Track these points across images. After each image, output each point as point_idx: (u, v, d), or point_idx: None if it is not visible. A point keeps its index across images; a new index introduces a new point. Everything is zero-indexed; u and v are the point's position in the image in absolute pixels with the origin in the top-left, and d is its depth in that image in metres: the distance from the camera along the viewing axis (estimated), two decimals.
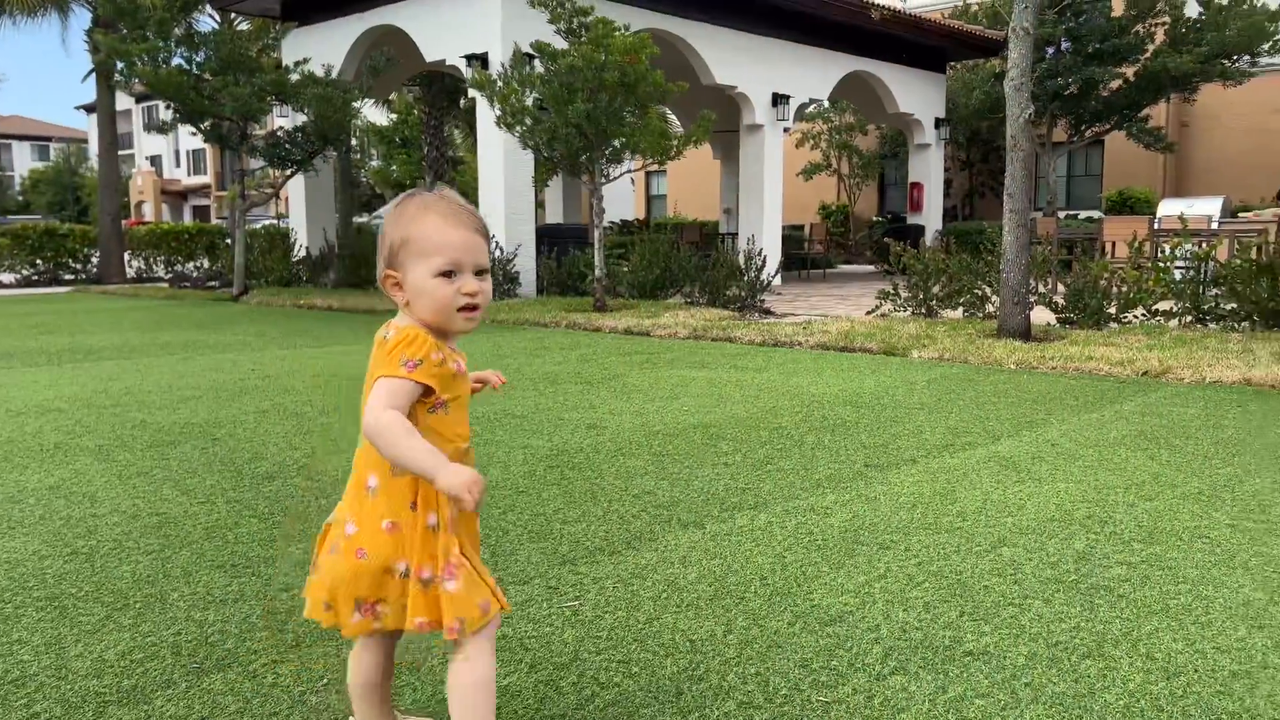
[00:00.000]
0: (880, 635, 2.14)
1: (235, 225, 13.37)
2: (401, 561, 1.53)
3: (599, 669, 1.99)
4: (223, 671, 1.97)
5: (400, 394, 1.48)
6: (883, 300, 9.41)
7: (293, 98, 12.20)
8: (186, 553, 2.69)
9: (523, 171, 12.60)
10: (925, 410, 4.82)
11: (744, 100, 15.37)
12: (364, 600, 1.53)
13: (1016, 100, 7.40)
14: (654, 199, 32.89)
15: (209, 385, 5.63)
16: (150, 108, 56.88)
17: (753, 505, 3.15)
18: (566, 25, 10.09)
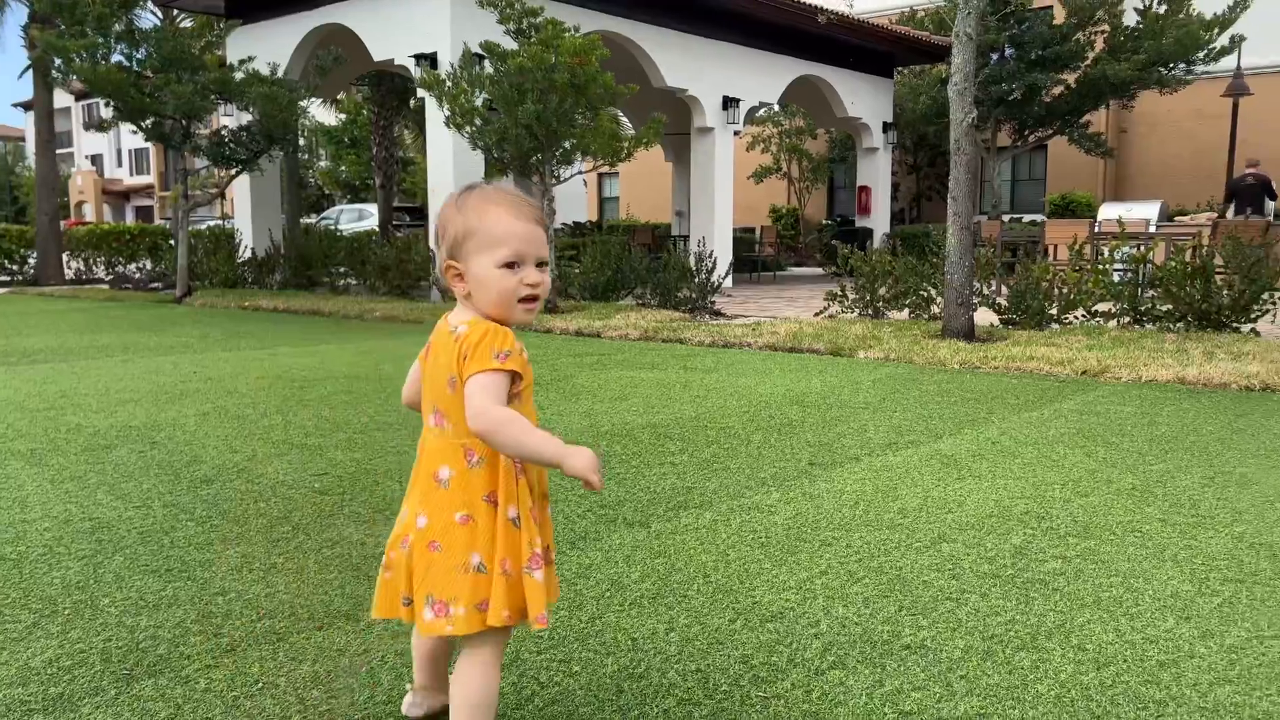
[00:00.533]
0: (820, 630, 2.16)
1: (179, 226, 13.11)
2: (475, 554, 1.53)
3: (539, 669, 1.98)
4: (154, 677, 1.93)
5: (500, 387, 1.50)
6: (830, 302, 9.51)
7: (237, 96, 12.00)
8: (119, 558, 2.63)
9: (472, 172, 12.52)
10: (870, 409, 4.87)
11: (694, 103, 15.43)
12: (436, 599, 1.52)
13: (960, 105, 7.52)
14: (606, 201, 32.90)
15: (148, 388, 5.51)
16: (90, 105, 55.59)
17: (698, 504, 3.17)
18: (516, 26, 10.05)
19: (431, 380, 1.59)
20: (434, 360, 1.59)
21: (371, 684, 1.91)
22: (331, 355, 7.09)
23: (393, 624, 2.18)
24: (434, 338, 1.62)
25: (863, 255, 9.46)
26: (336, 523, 2.96)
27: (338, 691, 1.88)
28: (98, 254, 18.18)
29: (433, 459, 1.59)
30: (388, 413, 4.76)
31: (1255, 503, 3.18)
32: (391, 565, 1.61)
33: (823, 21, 13.75)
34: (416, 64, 12.30)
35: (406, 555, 1.57)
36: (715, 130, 15.63)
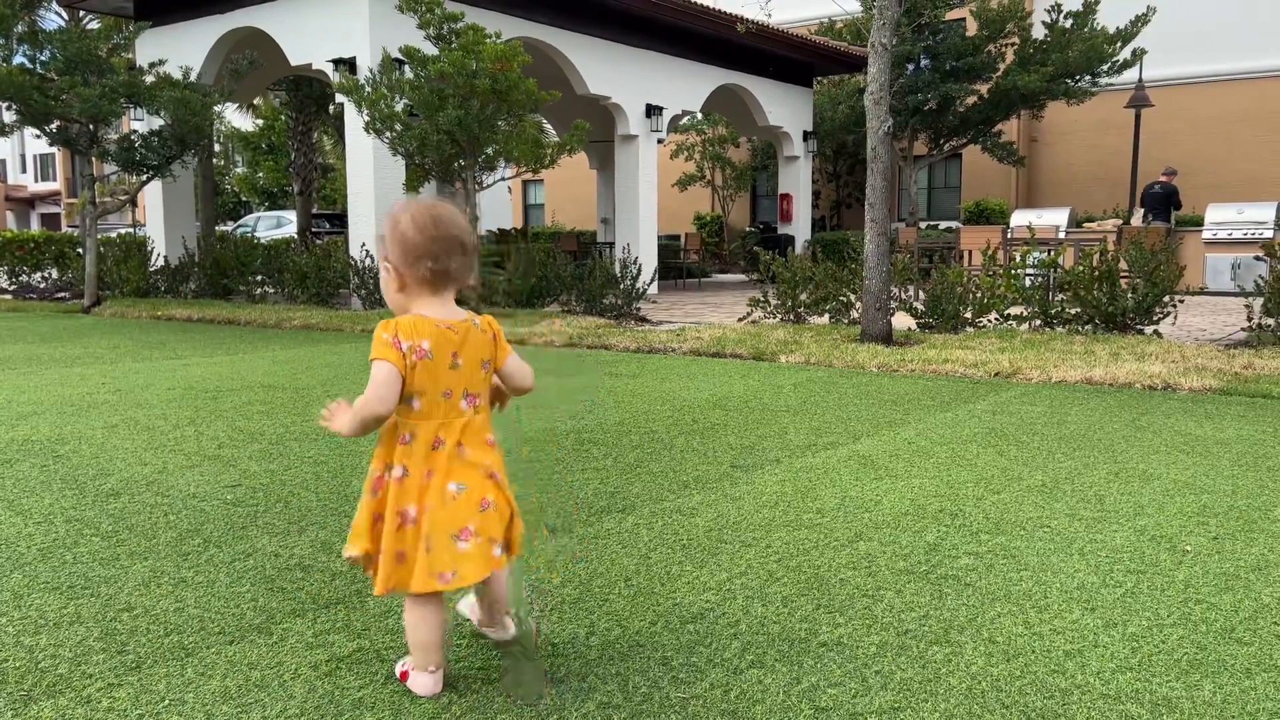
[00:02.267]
0: (739, 630, 2.18)
1: (86, 233, 12.66)
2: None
3: (457, 677, 1.96)
4: (53, 698, 1.86)
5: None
6: (753, 308, 9.61)
7: (148, 100, 11.65)
8: (18, 575, 2.53)
9: (393, 178, 12.36)
10: (791, 412, 4.94)
11: (618, 111, 15.48)
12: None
13: (876, 114, 7.68)
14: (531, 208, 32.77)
15: (54, 400, 5.31)
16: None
17: (620, 508, 3.17)
18: (436, 31, 9.96)
19: (468, 369, 1.87)
20: (469, 353, 1.87)
21: (284, 697, 1.87)
22: (247, 365, 6.92)
23: (306, 639, 2.14)
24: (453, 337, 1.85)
25: (784, 262, 9.59)
26: (250, 534, 2.89)
27: (248, 706, 1.83)
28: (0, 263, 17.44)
29: (480, 431, 1.92)
30: (303, 423, 4.66)
31: (1156, 497, 3.31)
32: (480, 530, 1.86)
33: (742, 30, 13.92)
34: (335, 69, 12.10)
35: (495, 510, 1.90)
36: (639, 138, 15.70)
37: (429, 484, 1.83)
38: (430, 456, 1.85)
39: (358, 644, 2.11)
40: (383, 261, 1.88)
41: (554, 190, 30.41)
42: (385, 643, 2.12)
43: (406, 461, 1.84)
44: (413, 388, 1.83)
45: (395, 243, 1.84)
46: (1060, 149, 23.41)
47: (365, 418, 1.81)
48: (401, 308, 1.88)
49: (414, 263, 1.83)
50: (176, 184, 14.21)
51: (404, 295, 1.87)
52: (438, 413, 1.85)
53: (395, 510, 1.83)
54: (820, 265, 9.32)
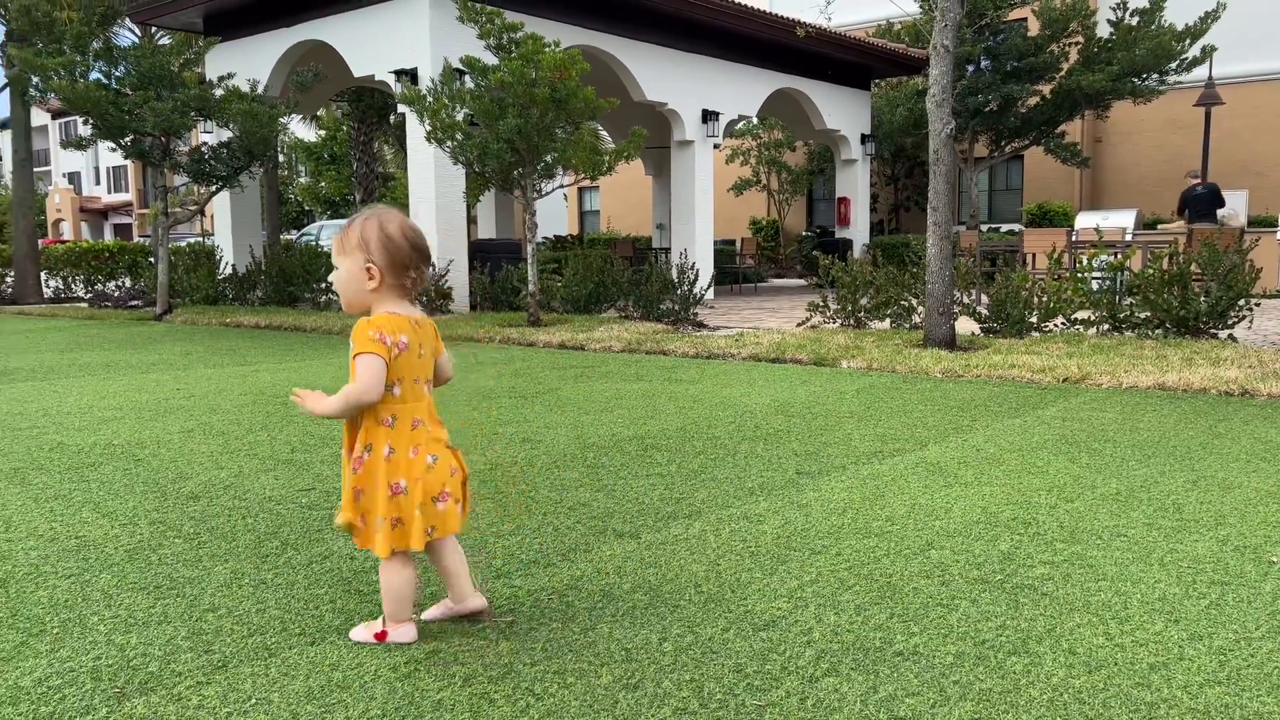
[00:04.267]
0: (813, 638, 2.17)
1: (158, 243, 13.03)
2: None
3: (534, 680, 1.98)
4: (145, 695, 1.92)
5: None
6: (812, 312, 9.55)
7: (217, 113, 11.96)
8: (107, 575, 2.61)
9: (454, 187, 12.53)
10: (855, 418, 4.90)
11: (674, 117, 15.51)
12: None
13: (938, 116, 7.59)
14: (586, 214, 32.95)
15: (131, 405, 5.47)
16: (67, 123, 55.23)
17: (687, 514, 3.17)
18: (496, 41, 10.08)
19: (427, 358, 2.18)
20: (428, 345, 2.17)
21: (366, 698, 1.90)
22: (314, 371, 7.06)
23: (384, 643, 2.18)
24: (419, 331, 2.15)
25: (844, 266, 9.51)
26: (325, 537, 2.95)
27: (332, 706, 1.87)
28: (76, 272, 18.04)
29: (434, 409, 2.22)
30: None
31: (1238, 506, 3.22)
32: (452, 493, 2.17)
33: (801, 35, 13.85)
34: (397, 80, 12.31)
35: (458, 475, 2.20)
36: (695, 143, 15.71)
37: (414, 459, 2.12)
38: (412, 435, 2.14)
39: (434, 646, 2.14)
40: (365, 262, 2.10)
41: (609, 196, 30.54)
42: (461, 645, 2.14)
43: (391, 441, 2.12)
44: (394, 377, 2.11)
45: (384, 249, 2.10)
46: (1126, 149, 22.90)
47: (354, 403, 2.09)
48: (364, 304, 2.15)
49: (399, 269, 2.12)
50: (244, 194, 14.57)
51: (375, 294, 2.13)
52: (412, 397, 2.15)
53: (387, 483, 2.10)
54: (881, 269, 9.23)
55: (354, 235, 2.12)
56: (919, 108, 19.82)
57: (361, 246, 2.11)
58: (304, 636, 2.20)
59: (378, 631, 2.17)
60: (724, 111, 16.14)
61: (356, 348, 2.08)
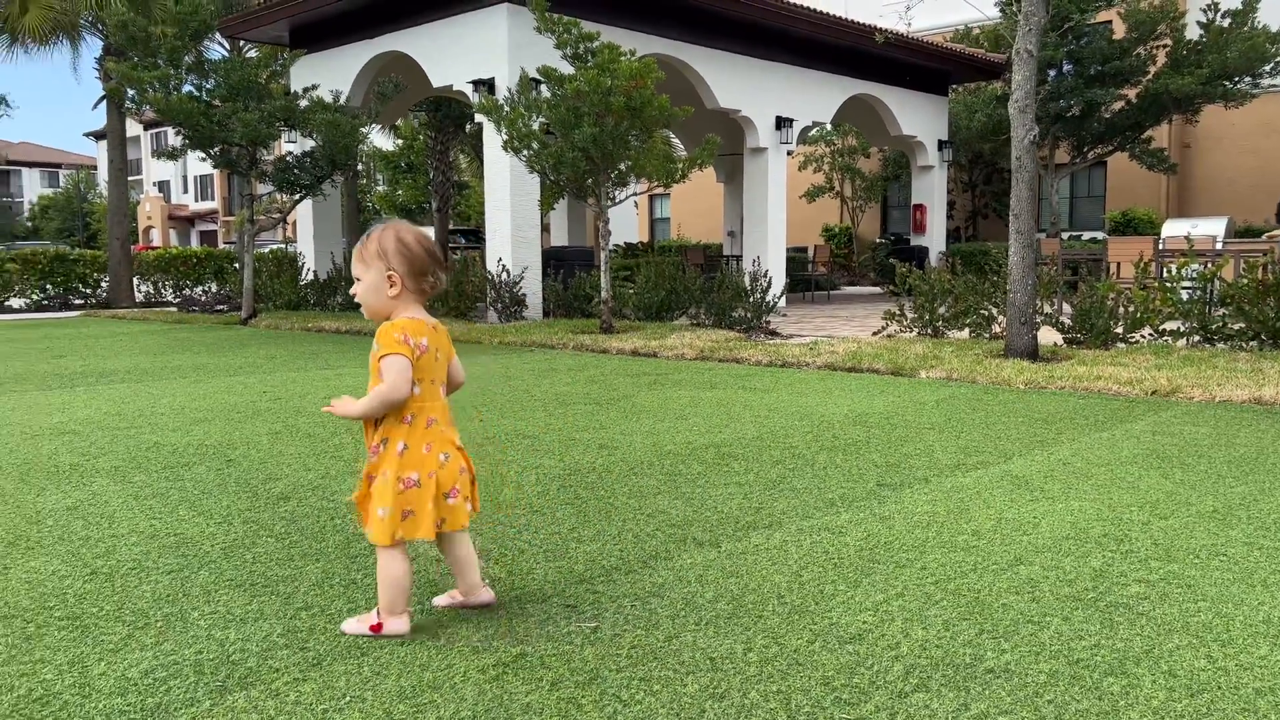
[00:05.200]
0: (900, 653, 2.15)
1: (244, 249, 13.43)
2: None
3: (620, 686, 1.99)
4: (245, 690, 1.98)
5: None
6: (889, 321, 9.43)
7: (302, 124, 12.30)
8: (205, 572, 2.70)
9: (529, 195, 12.68)
10: (935, 430, 4.82)
11: (747, 124, 15.47)
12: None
13: (1021, 122, 7.44)
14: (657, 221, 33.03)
15: (221, 407, 5.65)
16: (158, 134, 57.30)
17: (767, 524, 3.16)
18: (573, 51, 10.18)
19: (442, 362, 2.30)
20: (442, 349, 2.30)
21: (456, 699, 1.93)
22: None
23: (472, 643, 2.21)
24: (435, 335, 2.28)
25: (921, 274, 9.37)
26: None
27: (423, 706, 1.91)
28: (166, 277, 18.69)
29: (449, 411, 2.34)
30: None
31: None
32: (461, 489, 2.30)
33: (880, 41, 13.69)
34: (474, 89, 12.51)
35: (467, 474, 2.33)
36: (768, 150, 15.64)
37: (427, 455, 2.24)
38: (426, 433, 2.25)
39: (520, 649, 2.17)
40: (386, 271, 2.23)
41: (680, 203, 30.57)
42: (547, 649, 2.17)
43: (406, 438, 2.23)
44: (415, 377, 2.22)
45: (402, 257, 2.23)
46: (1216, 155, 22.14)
47: (387, 401, 2.20)
48: (387, 310, 2.27)
49: (418, 276, 2.26)
50: (325, 202, 14.93)
51: (395, 300, 2.26)
52: (430, 397, 2.26)
53: (397, 477, 2.21)
54: (960, 278, 9.07)
55: (372, 247, 2.26)
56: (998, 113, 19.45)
57: (381, 256, 2.24)
58: (394, 637, 2.25)
59: (373, 623, 2.25)
60: (798, 118, 16.05)
61: (382, 349, 2.20)
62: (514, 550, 2.90)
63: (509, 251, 12.49)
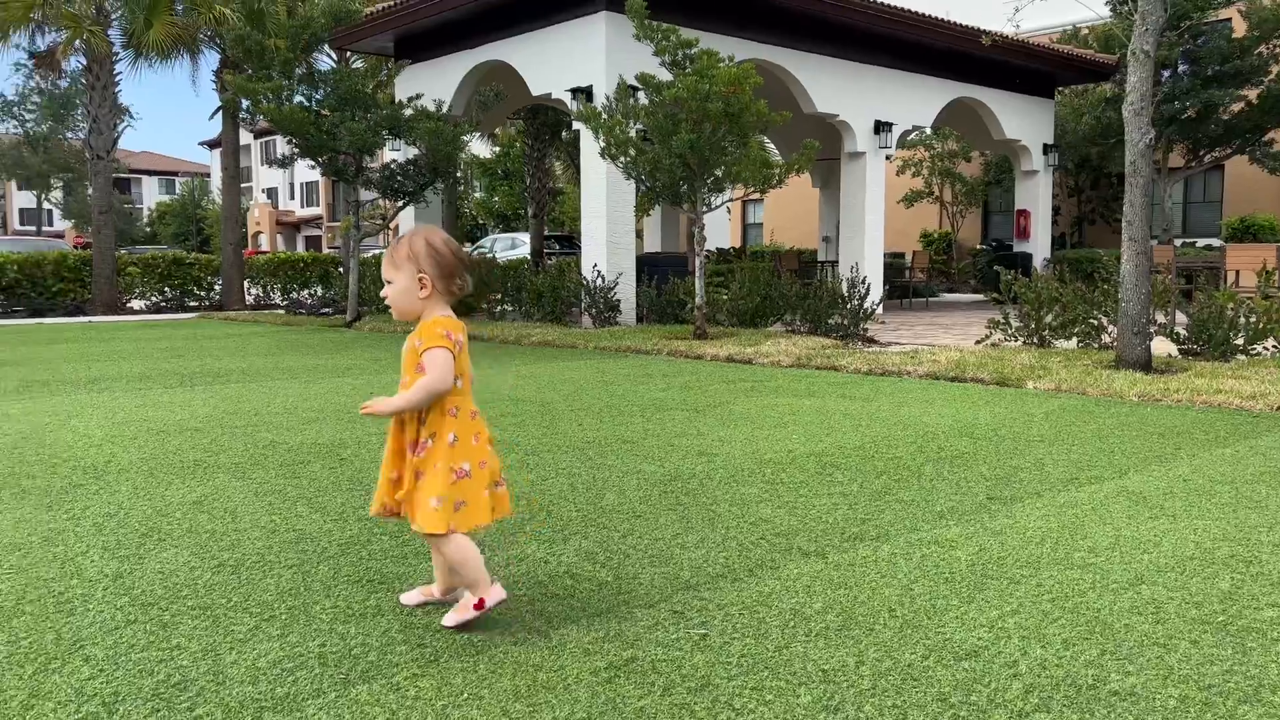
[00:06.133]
0: (1019, 671, 2.09)
1: (349, 254, 13.86)
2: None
3: (732, 695, 1.99)
4: (368, 683, 2.04)
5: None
6: (993, 329, 9.19)
7: (406, 132, 12.63)
8: (325, 567, 2.80)
9: (624, 201, 12.77)
10: (1045, 442, 4.68)
11: (845, 128, 15.29)
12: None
13: (1136, 125, 7.18)
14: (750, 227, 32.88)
15: (331, 408, 5.84)
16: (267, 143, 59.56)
17: (874, 536, 3.12)
18: (671, 57, 10.22)
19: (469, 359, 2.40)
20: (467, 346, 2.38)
21: (570, 700, 1.96)
22: (494, 379, 7.33)
23: (583, 645, 2.24)
24: (465, 334, 2.35)
25: (1027, 281, 9.12)
26: (519, 541, 3.06)
27: (538, 706, 1.94)
28: (274, 281, 19.38)
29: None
30: (554, 435, 4.88)
31: None
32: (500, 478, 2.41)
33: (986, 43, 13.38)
34: (573, 97, 12.66)
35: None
36: (866, 155, 15.43)
37: (476, 445, 2.32)
38: (472, 424, 2.34)
39: (631, 653, 2.19)
40: (417, 274, 2.31)
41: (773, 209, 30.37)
42: (658, 655, 2.18)
43: (456, 429, 2.30)
44: (457, 371, 2.30)
45: (432, 260, 2.31)
46: None
47: (432, 393, 2.27)
48: (417, 311, 2.35)
49: (447, 278, 2.34)
50: (427, 209, 15.30)
51: (426, 302, 2.34)
52: (468, 392, 2.36)
53: (449, 468, 2.27)
54: (1069, 285, 8.79)
55: (403, 250, 2.34)
56: (1106, 116, 18.81)
57: (412, 260, 2.33)
58: (507, 636, 2.29)
59: (474, 603, 2.31)
60: (897, 122, 15.79)
61: (426, 343, 2.29)
62: (619, 554, 2.92)
63: (604, 257, 12.59)
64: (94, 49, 16.79)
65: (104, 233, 17.28)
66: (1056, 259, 17.57)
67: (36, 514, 3.40)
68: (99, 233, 17.31)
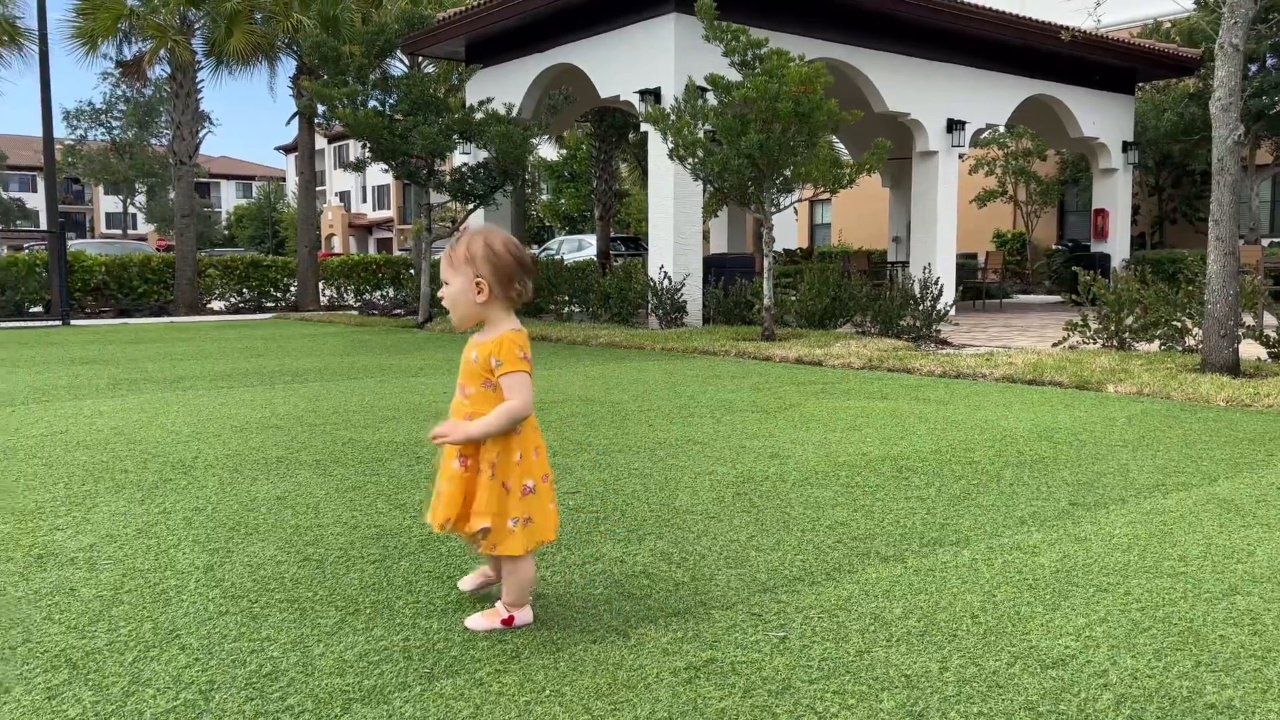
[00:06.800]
0: (1109, 681, 2.04)
1: (420, 256, 14.09)
2: None
3: (814, 698, 1.98)
4: (451, 677, 2.07)
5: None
6: (1070, 331, 8.98)
7: (477, 136, 12.79)
8: (405, 563, 2.85)
9: (691, 203, 12.76)
10: (1129, 448, 4.56)
11: (917, 127, 15.07)
12: None
13: (1224, 121, 6.95)
14: (817, 227, 32.59)
15: (406, 407, 5.94)
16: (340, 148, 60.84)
17: (954, 541, 3.07)
18: (740, 58, 10.19)
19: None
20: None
21: (651, 700, 1.97)
22: (563, 379, 7.38)
23: (661, 645, 2.25)
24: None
25: (1106, 282, 8.88)
26: (594, 540, 3.08)
27: (620, 704, 1.95)
28: (348, 282, 19.80)
29: None
30: (625, 436, 4.90)
31: None
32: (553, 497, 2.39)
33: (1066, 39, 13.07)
34: (641, 99, 12.69)
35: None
36: (939, 154, 15.19)
37: (537, 460, 2.31)
38: (532, 437, 2.32)
39: (710, 654, 2.19)
40: (474, 278, 2.24)
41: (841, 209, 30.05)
42: (738, 656, 2.17)
43: (521, 447, 2.29)
44: None
45: (489, 264, 2.24)
46: None
47: (516, 419, 2.26)
48: (475, 316, 2.30)
49: (505, 283, 2.26)
50: (496, 211, 15.47)
51: (483, 307, 2.27)
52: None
53: (520, 484, 2.27)
54: (1149, 286, 8.54)
55: (461, 252, 2.26)
56: (1190, 112, 18.24)
57: (470, 262, 2.25)
58: (586, 634, 2.31)
59: (504, 617, 2.32)
60: (971, 121, 15.52)
61: (508, 365, 2.24)
62: (694, 555, 2.92)
63: (671, 258, 12.60)
64: (177, 58, 17.35)
65: (186, 236, 17.82)
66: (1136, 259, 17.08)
67: (130, 507, 3.52)
68: (181, 236, 17.87)
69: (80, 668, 2.12)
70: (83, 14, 17.34)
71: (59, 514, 3.43)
